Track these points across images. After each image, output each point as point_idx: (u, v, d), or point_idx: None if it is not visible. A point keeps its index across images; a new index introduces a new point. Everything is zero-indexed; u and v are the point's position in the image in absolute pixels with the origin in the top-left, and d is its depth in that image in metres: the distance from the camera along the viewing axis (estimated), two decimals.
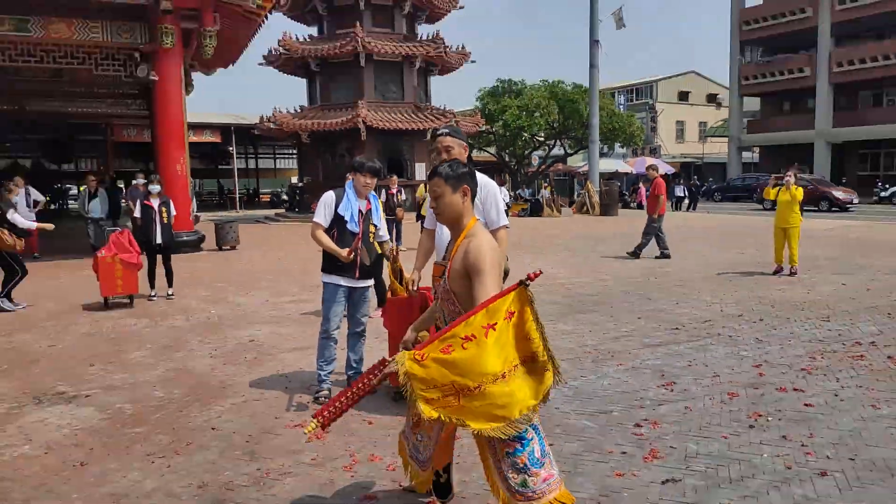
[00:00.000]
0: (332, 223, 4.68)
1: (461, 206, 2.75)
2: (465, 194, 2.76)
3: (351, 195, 4.70)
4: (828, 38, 35.87)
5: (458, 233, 2.76)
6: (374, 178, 4.72)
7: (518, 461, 2.49)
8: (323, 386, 4.76)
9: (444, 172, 2.76)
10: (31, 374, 5.54)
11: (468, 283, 2.56)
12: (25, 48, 13.62)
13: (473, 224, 2.74)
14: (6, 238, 8.07)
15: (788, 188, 9.70)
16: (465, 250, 2.62)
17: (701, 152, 49.66)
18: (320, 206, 4.69)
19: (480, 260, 2.53)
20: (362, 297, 4.88)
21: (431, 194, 2.81)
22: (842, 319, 6.80)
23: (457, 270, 2.61)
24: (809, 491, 3.20)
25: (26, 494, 3.38)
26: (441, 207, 2.77)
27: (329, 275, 4.72)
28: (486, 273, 2.52)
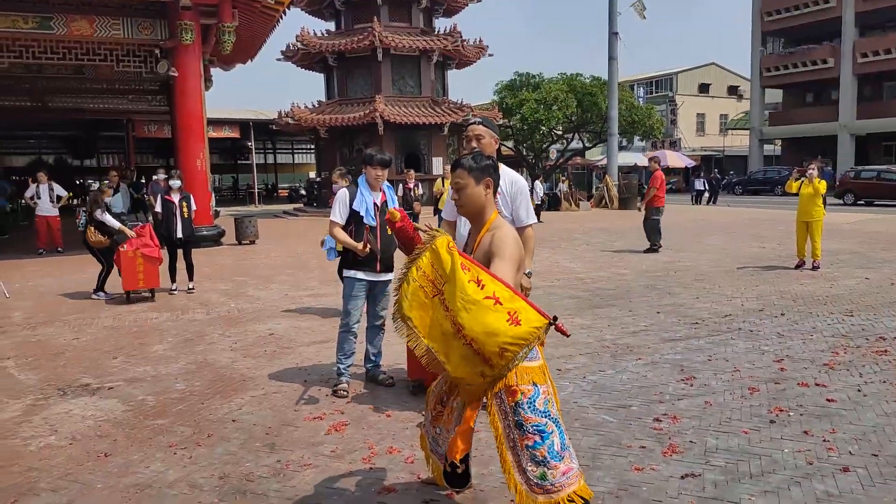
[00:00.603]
0: (349, 219, 4.71)
1: (483, 198, 2.74)
2: (488, 187, 2.75)
3: (364, 189, 4.72)
4: (852, 28, 35.26)
5: (479, 226, 2.75)
6: (384, 170, 4.74)
7: (538, 454, 2.49)
8: (342, 379, 4.78)
9: (467, 164, 2.75)
10: (56, 367, 5.64)
11: None
12: (48, 45, 13.82)
13: (496, 217, 2.73)
14: (91, 235, 8.65)
15: (811, 181, 9.57)
16: (489, 242, 2.62)
17: (722, 145, 49.11)
18: (336, 204, 4.74)
19: (503, 247, 2.56)
20: (382, 292, 4.90)
21: (454, 186, 2.79)
22: (865, 314, 6.70)
23: (481, 262, 2.58)
24: (831, 487, 3.16)
25: (52, 484, 3.44)
26: (463, 199, 2.76)
27: (350, 269, 4.76)
28: (505, 259, 2.53)
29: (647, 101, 46.00)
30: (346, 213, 4.71)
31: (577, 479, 2.55)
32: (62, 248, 14.09)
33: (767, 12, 39.26)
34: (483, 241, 2.67)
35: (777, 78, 39.82)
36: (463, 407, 2.73)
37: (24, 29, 13.19)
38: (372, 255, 4.68)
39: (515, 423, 2.54)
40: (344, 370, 4.81)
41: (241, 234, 15.40)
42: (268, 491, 3.30)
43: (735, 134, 48.46)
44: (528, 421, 2.52)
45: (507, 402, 2.55)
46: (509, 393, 2.54)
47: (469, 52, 26.03)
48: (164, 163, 33.93)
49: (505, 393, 2.55)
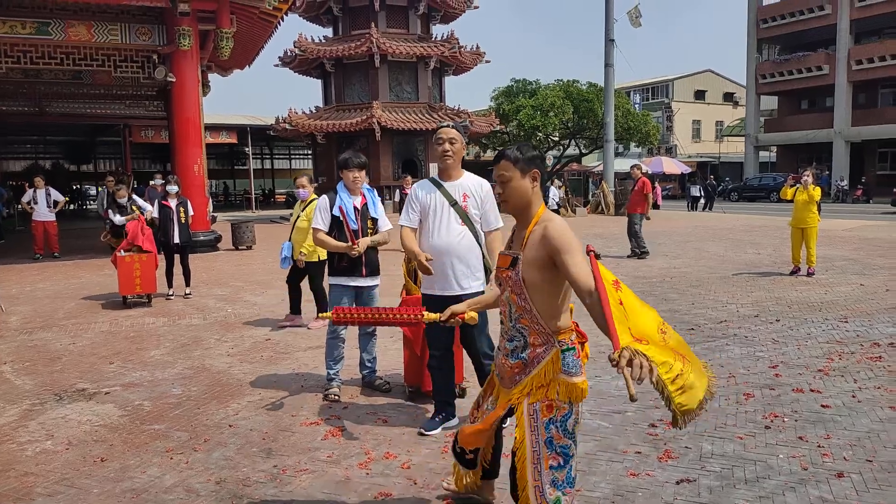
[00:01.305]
0: (331, 226, 4.73)
1: (530, 191, 2.54)
2: (535, 179, 2.56)
3: (343, 195, 4.72)
4: (847, 36, 35.46)
5: (526, 220, 2.55)
6: (361, 171, 4.74)
7: (558, 477, 2.43)
8: (333, 384, 4.80)
9: (512, 155, 2.55)
10: (53, 372, 5.64)
11: (544, 273, 2.42)
12: (46, 50, 13.86)
13: (543, 210, 2.55)
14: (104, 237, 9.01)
15: (806, 188, 9.61)
16: (541, 236, 2.43)
17: (717, 152, 49.31)
18: (317, 212, 4.74)
19: (565, 240, 2.38)
20: (370, 297, 4.88)
21: (498, 179, 2.59)
22: (860, 320, 6.74)
23: (533, 259, 2.44)
24: (826, 492, 3.18)
25: (48, 489, 3.44)
26: (508, 193, 2.56)
27: (335, 276, 4.76)
28: (575, 251, 2.36)
29: (643, 107, 46.20)
30: (328, 219, 4.71)
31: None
32: (59, 252, 14.07)
33: (763, 19, 39.47)
34: (533, 235, 2.47)
35: (772, 85, 40.01)
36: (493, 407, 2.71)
37: (23, 34, 13.22)
38: (357, 261, 4.66)
39: (546, 441, 2.43)
40: (334, 375, 4.83)
41: (238, 239, 15.40)
42: (264, 496, 3.30)
43: (731, 140, 48.67)
44: (558, 441, 2.43)
45: (541, 416, 2.44)
46: (546, 407, 2.43)
47: (466, 58, 26.13)
48: (162, 168, 33.94)
49: (541, 406, 2.44)
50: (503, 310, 2.62)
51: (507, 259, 2.56)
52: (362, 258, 4.69)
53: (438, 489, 3.30)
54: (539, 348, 2.47)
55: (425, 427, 4.08)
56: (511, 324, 2.55)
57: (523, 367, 2.51)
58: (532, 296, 2.45)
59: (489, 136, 31.84)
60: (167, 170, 25.56)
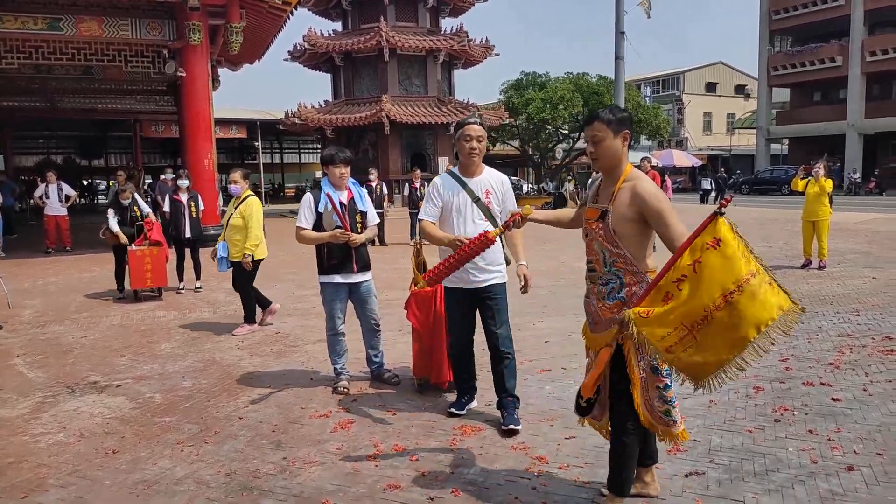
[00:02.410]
0: (316, 223, 4.66)
1: (621, 151, 2.80)
2: (626, 139, 2.81)
3: (329, 190, 4.65)
4: (861, 27, 35.05)
5: (614, 178, 2.83)
6: (347, 167, 4.68)
7: (666, 395, 2.81)
8: (341, 378, 4.81)
9: (605, 116, 2.79)
10: (65, 365, 5.69)
11: (633, 226, 2.74)
12: (58, 46, 13.92)
13: (630, 169, 2.81)
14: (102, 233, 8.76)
15: (817, 180, 9.52)
16: (632, 194, 2.73)
17: (728, 144, 48.95)
18: (301, 210, 4.67)
19: (660, 206, 2.68)
20: (367, 292, 4.83)
21: (591, 139, 2.82)
22: (871, 313, 6.68)
23: (623, 214, 2.74)
24: (836, 486, 3.16)
25: (61, 480, 3.48)
26: (600, 152, 2.81)
27: (326, 275, 4.70)
28: (669, 213, 2.67)
29: (653, 100, 45.89)
30: (312, 218, 4.64)
31: (682, 422, 2.92)
32: (70, 247, 14.19)
33: (775, 10, 39.07)
34: (621, 193, 2.76)
35: (784, 77, 39.64)
36: (596, 356, 2.90)
37: (34, 30, 13.30)
38: (347, 256, 4.61)
39: (651, 368, 2.78)
40: (341, 369, 4.83)
41: None
42: (274, 488, 3.33)
43: (742, 133, 48.29)
44: (662, 366, 2.77)
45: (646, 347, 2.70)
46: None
47: (475, 51, 26.02)
48: (172, 163, 34.06)
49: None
50: (595, 258, 2.90)
51: (596, 212, 2.86)
52: (352, 253, 4.64)
53: (447, 480, 3.31)
54: (635, 286, 2.78)
55: (456, 408, 4.23)
56: (606, 269, 2.85)
57: (622, 305, 2.78)
58: (623, 242, 2.77)
59: (498, 129, 31.71)
60: (178, 164, 25.66)
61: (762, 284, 2.37)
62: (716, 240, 2.41)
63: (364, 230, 4.76)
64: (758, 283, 2.36)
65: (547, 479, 3.32)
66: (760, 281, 2.37)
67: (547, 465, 3.48)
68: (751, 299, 2.35)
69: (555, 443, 3.75)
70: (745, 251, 2.41)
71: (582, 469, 3.42)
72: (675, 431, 2.86)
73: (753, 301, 2.35)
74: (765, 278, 2.39)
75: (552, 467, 3.45)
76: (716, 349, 2.41)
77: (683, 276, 2.43)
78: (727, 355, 2.41)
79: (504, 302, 4.04)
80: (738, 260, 2.38)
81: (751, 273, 2.37)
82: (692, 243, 2.45)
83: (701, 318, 2.40)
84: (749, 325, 2.36)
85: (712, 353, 2.42)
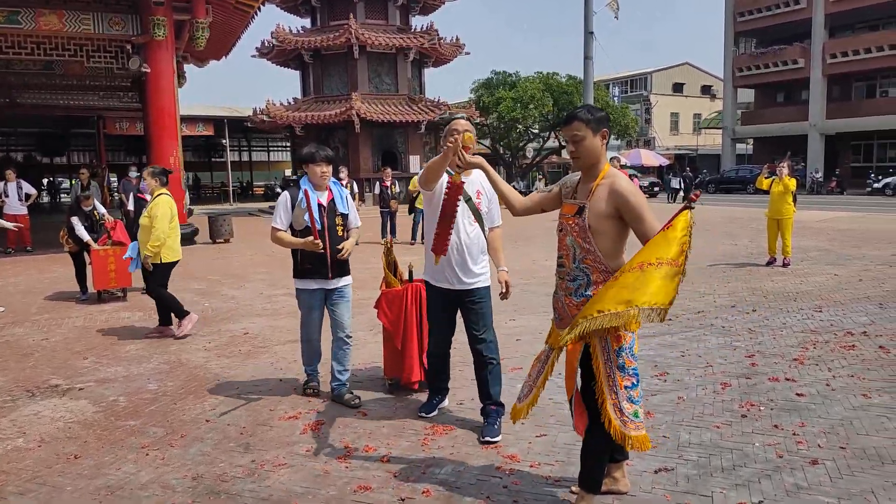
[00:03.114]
0: (292, 225, 4.40)
1: (600, 149, 2.85)
2: (604, 137, 2.87)
3: (308, 190, 4.36)
4: (822, 30, 35.86)
5: (593, 175, 2.88)
6: (329, 166, 4.41)
7: (633, 394, 2.79)
8: (311, 380, 4.69)
9: (584, 116, 2.84)
10: (25, 368, 5.53)
11: (609, 222, 2.78)
12: (16, 40, 13.51)
13: (609, 168, 2.87)
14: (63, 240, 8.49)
15: (781, 179, 9.71)
16: (609, 190, 2.78)
17: (695, 144, 49.73)
18: (276, 210, 4.40)
19: (638, 203, 2.74)
20: (341, 298, 4.51)
21: (571, 139, 2.86)
22: (834, 310, 6.84)
23: (601, 210, 2.79)
24: (801, 479, 3.22)
25: (21, 487, 3.38)
26: (581, 151, 2.85)
27: (301, 279, 4.46)
28: (645, 210, 2.74)
29: (622, 100, 46.45)
30: (288, 218, 4.37)
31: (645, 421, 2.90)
32: (31, 247, 13.82)
33: (740, 13, 39.78)
34: (599, 190, 2.81)
35: (749, 78, 40.39)
36: (547, 358, 3.02)
37: None
38: (322, 261, 4.34)
39: (618, 366, 2.77)
40: (312, 372, 4.70)
41: (216, 232, 15.23)
42: (242, 491, 3.27)
43: (708, 133, 49.08)
44: (629, 365, 2.78)
45: (611, 346, 2.76)
46: (615, 338, 2.75)
47: (446, 50, 26.04)
48: (137, 160, 33.40)
49: (611, 338, 2.75)
50: (565, 253, 2.93)
51: (573, 207, 2.90)
52: (328, 258, 4.34)
53: (419, 481, 3.29)
54: (601, 285, 2.76)
55: (424, 410, 4.17)
56: (574, 265, 2.87)
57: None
58: (596, 239, 2.80)
59: None
60: (143, 162, 25.18)
61: (675, 276, 2.51)
62: (669, 225, 2.54)
63: (346, 233, 4.48)
64: (673, 272, 2.51)
65: (518, 478, 3.32)
66: (675, 272, 2.51)
67: (518, 463, 3.48)
68: (660, 277, 2.49)
69: (526, 441, 3.76)
70: (686, 245, 2.53)
71: (553, 467, 3.43)
72: (644, 433, 2.82)
73: (661, 280, 2.49)
74: (680, 274, 2.53)
75: (523, 465, 3.46)
76: (605, 300, 2.56)
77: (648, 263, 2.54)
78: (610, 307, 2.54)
79: (488, 306, 3.97)
80: (673, 245, 2.51)
81: (675, 262, 2.51)
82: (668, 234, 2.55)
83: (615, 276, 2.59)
84: (644, 294, 2.49)
85: (600, 302, 2.57)
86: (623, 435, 2.75)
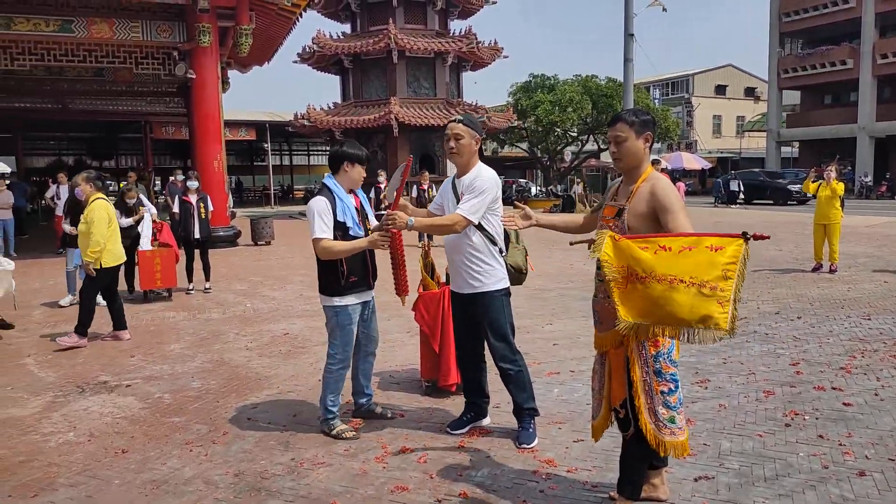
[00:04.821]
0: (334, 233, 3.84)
1: (643, 152, 2.87)
2: (647, 140, 2.88)
3: (341, 194, 3.91)
4: (871, 29, 34.81)
5: (634, 177, 2.90)
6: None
7: (671, 400, 2.79)
8: (336, 419, 4.04)
9: (627, 118, 2.87)
10: (75, 365, 5.72)
11: (647, 224, 2.78)
12: (69, 48, 14.02)
13: (651, 170, 2.88)
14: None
15: (829, 183, 9.47)
16: (649, 192, 2.79)
17: (738, 147, 48.71)
18: (317, 218, 3.77)
19: (672, 201, 2.74)
20: (374, 311, 4.20)
21: (614, 139, 2.89)
22: (883, 318, 6.63)
23: (640, 211, 2.80)
24: (847, 491, 3.14)
25: (71, 479, 3.50)
26: (622, 152, 2.87)
27: (346, 296, 3.90)
28: (679, 209, 2.73)
29: (662, 102, 45.74)
30: (332, 224, 3.81)
31: (686, 429, 2.87)
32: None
33: (786, 13, 38.88)
34: (640, 191, 2.83)
35: (795, 79, 39.42)
36: (603, 365, 2.98)
37: (46, 32, 13.40)
38: (366, 269, 3.97)
39: (655, 371, 2.77)
40: (336, 410, 4.04)
41: (257, 235, 15.51)
42: (282, 489, 3.33)
43: (752, 136, 48.03)
44: (667, 370, 2.78)
45: (648, 351, 2.76)
46: (652, 344, 2.75)
47: (484, 53, 26.02)
48: (182, 164, 34.22)
49: (648, 343, 2.75)
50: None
51: (613, 210, 2.92)
52: (369, 266, 3.99)
53: (455, 482, 3.30)
54: None
55: (451, 426, 3.98)
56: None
57: None
58: None
59: (507, 131, 31.69)
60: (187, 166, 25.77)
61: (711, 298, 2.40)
62: (720, 247, 2.45)
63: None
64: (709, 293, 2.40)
65: (555, 483, 3.31)
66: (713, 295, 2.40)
67: (555, 468, 3.47)
68: (689, 297, 2.42)
69: (563, 446, 3.74)
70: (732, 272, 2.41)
71: (591, 472, 3.41)
72: (680, 440, 2.80)
73: (690, 300, 2.42)
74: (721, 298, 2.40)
75: (560, 470, 3.44)
76: (629, 306, 2.54)
77: (669, 248, 2.48)
78: (633, 318, 2.52)
79: (496, 313, 3.72)
80: (716, 269, 2.42)
81: (713, 286, 2.41)
82: (701, 236, 2.49)
83: (642, 276, 2.49)
84: (665, 311, 2.46)
85: (625, 307, 2.54)
86: (657, 439, 2.76)
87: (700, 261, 2.44)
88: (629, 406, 2.85)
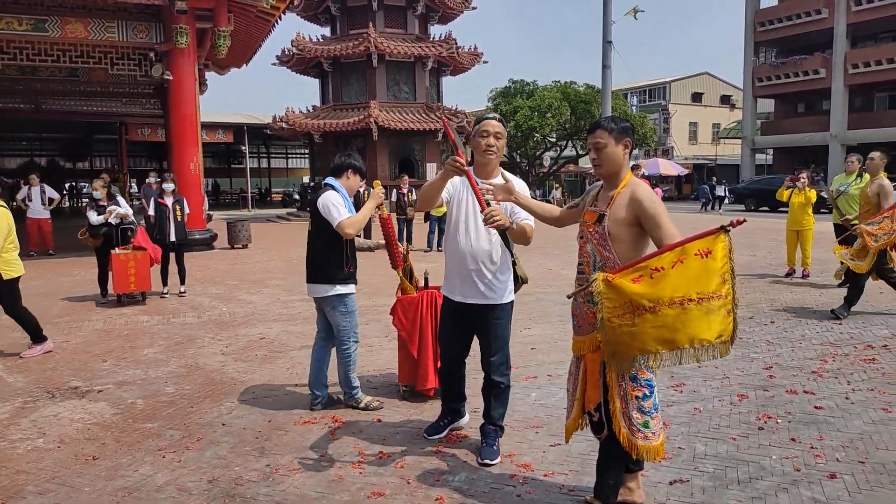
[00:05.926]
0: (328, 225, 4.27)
1: (622, 158, 2.90)
2: (627, 147, 2.91)
3: (343, 193, 4.38)
4: (843, 40, 35.52)
5: (614, 183, 2.92)
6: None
7: (645, 405, 2.81)
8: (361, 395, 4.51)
9: (607, 125, 2.90)
10: (46, 369, 5.61)
11: (629, 229, 2.80)
12: (42, 48, 13.80)
13: (630, 177, 2.91)
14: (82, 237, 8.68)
15: (802, 190, 9.64)
16: (629, 199, 2.81)
17: (714, 154, 49.37)
18: (335, 208, 4.20)
19: (657, 210, 2.74)
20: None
21: (594, 146, 2.91)
22: (854, 322, 6.75)
23: (620, 217, 2.81)
24: (818, 493, 3.18)
25: (40, 487, 3.43)
26: (602, 159, 2.90)
27: (346, 284, 4.36)
28: (662, 214, 2.74)
29: (640, 109, 46.25)
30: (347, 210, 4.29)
31: (662, 433, 2.89)
32: (53, 250, 14.03)
33: (760, 23, 39.53)
34: (621, 197, 2.85)
35: (769, 88, 40.06)
36: (578, 368, 3.01)
37: (19, 31, 13.17)
38: (355, 266, 4.46)
39: (630, 376, 2.79)
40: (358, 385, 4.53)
41: (234, 238, 15.38)
42: (257, 495, 3.29)
43: (727, 143, 48.71)
44: (642, 375, 2.80)
45: None
46: None
47: (464, 58, 26.13)
48: (158, 166, 33.84)
49: None
50: (585, 260, 2.97)
51: (594, 215, 2.93)
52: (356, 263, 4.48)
53: (432, 488, 3.29)
54: None
55: (429, 432, 3.97)
56: (594, 271, 2.85)
57: None
58: (615, 246, 2.82)
59: None
60: (163, 168, 25.48)
61: (720, 308, 2.46)
62: (707, 251, 2.48)
63: None
64: (718, 304, 2.46)
65: (532, 487, 3.31)
66: (721, 304, 2.46)
67: (532, 472, 3.48)
68: (703, 314, 2.45)
69: (540, 450, 3.75)
70: (727, 274, 2.47)
71: (567, 476, 3.42)
72: (654, 444, 2.81)
73: (704, 317, 2.45)
74: (727, 305, 2.47)
75: (537, 474, 3.45)
76: (645, 338, 2.50)
77: (662, 268, 2.49)
78: (653, 347, 2.50)
79: (504, 327, 3.65)
80: (714, 276, 2.46)
81: (718, 294, 2.45)
82: (685, 245, 2.50)
83: (650, 307, 2.47)
84: (685, 335, 2.46)
85: (640, 340, 2.51)
86: (630, 443, 2.79)
87: (697, 272, 2.46)
88: (603, 409, 2.87)
